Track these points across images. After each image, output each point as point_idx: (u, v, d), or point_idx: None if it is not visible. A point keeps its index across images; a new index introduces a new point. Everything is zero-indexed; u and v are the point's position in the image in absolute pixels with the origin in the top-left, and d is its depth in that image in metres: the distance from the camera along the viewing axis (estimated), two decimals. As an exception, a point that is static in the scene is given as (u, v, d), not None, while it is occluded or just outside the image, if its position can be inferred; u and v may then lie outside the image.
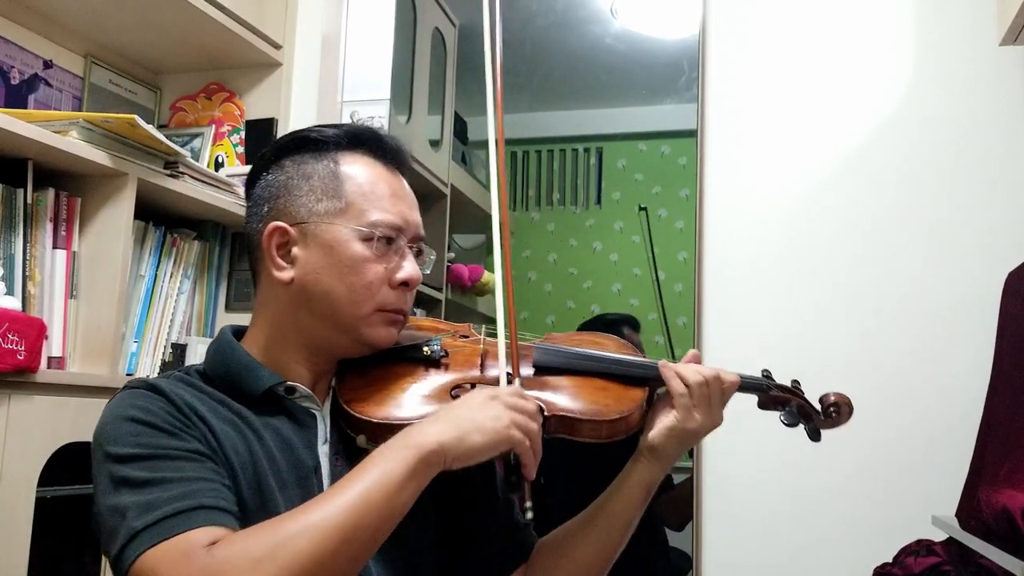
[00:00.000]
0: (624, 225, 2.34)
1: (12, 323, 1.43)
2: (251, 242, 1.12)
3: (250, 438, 1.01)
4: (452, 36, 2.53)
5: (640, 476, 1.11)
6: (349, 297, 1.05)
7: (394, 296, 1.08)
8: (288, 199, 1.08)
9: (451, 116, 2.50)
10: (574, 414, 1.07)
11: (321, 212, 1.07)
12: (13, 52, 1.87)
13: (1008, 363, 1.53)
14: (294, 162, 1.10)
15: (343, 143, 1.11)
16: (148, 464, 0.91)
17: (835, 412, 1.18)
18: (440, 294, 2.36)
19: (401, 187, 1.14)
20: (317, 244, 1.06)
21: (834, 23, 1.97)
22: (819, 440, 1.19)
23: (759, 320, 1.93)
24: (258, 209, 1.11)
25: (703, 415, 1.10)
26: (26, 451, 1.44)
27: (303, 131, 1.14)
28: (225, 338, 1.11)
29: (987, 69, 1.85)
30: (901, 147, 1.90)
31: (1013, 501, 1.23)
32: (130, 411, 0.96)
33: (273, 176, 1.11)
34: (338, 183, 1.08)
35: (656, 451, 1.11)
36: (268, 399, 1.05)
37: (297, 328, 1.08)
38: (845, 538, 1.80)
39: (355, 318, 1.06)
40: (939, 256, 1.84)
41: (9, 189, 1.57)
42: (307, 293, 1.06)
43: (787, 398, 1.18)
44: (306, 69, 2.23)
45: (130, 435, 0.94)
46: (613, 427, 1.08)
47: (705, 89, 2.02)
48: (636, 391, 1.11)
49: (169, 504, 0.87)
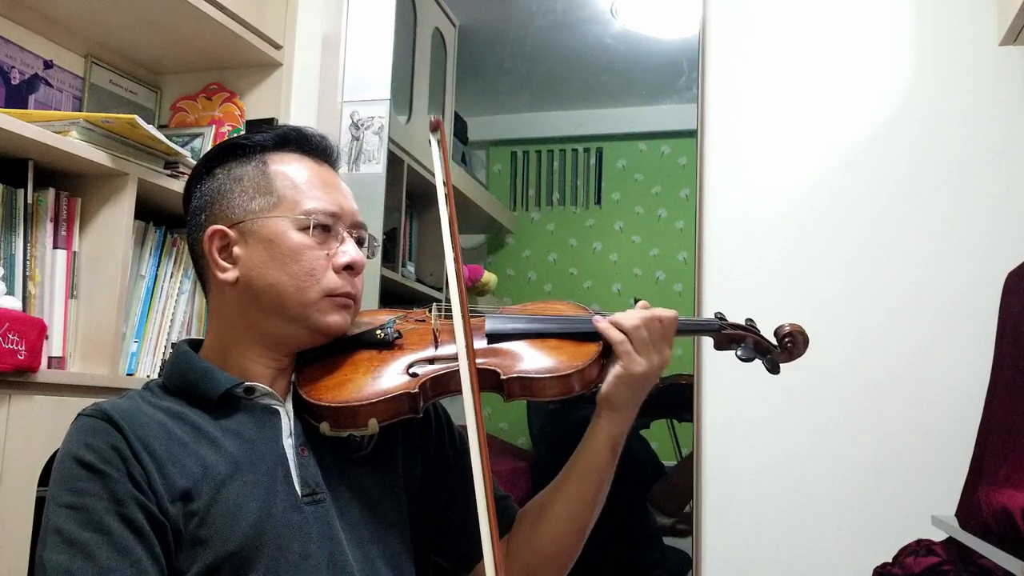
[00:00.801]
0: (624, 225, 2.33)
1: (12, 323, 1.43)
2: (194, 252, 1.15)
3: (203, 452, 1.02)
4: (452, 36, 2.52)
5: (603, 430, 1.13)
6: (294, 285, 1.07)
7: (339, 280, 1.10)
8: (223, 203, 1.11)
9: (451, 116, 2.49)
10: (530, 374, 1.09)
11: (256, 209, 1.10)
12: (13, 52, 1.87)
13: (1008, 363, 1.53)
14: (224, 169, 1.14)
15: (269, 145, 1.14)
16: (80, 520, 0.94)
17: (790, 342, 1.19)
18: (440, 294, 2.36)
19: (333, 178, 1.16)
20: (256, 240, 1.09)
21: (834, 23, 1.97)
22: (778, 372, 1.20)
23: (759, 320, 1.92)
24: (196, 219, 1.14)
25: (645, 356, 1.11)
26: (26, 451, 1.44)
27: (230, 140, 1.17)
28: (181, 350, 1.14)
29: (987, 69, 1.85)
30: (901, 147, 1.90)
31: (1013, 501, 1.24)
32: (79, 451, 0.99)
33: (206, 186, 1.14)
34: (268, 180, 1.11)
35: (611, 401, 1.12)
36: (228, 402, 1.07)
37: (249, 326, 1.10)
38: (845, 538, 1.80)
39: (303, 305, 1.08)
40: (939, 256, 1.84)
41: (9, 189, 1.57)
42: (253, 289, 1.08)
43: (742, 335, 1.21)
44: (306, 69, 2.23)
45: (74, 479, 0.97)
46: (569, 382, 1.10)
47: (705, 89, 2.02)
48: (589, 346, 1.13)
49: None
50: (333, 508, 1.05)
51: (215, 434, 1.04)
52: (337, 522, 1.05)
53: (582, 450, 1.15)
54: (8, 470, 1.41)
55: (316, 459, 1.07)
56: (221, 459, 1.02)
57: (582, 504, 1.14)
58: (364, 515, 1.08)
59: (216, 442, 1.03)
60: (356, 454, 1.11)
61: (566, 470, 1.16)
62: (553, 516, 1.15)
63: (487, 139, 2.59)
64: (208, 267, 1.12)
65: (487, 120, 2.59)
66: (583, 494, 1.14)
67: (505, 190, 2.47)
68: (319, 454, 1.08)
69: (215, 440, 1.04)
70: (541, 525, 1.15)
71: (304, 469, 1.05)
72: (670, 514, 2.01)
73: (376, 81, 2.17)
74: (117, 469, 0.97)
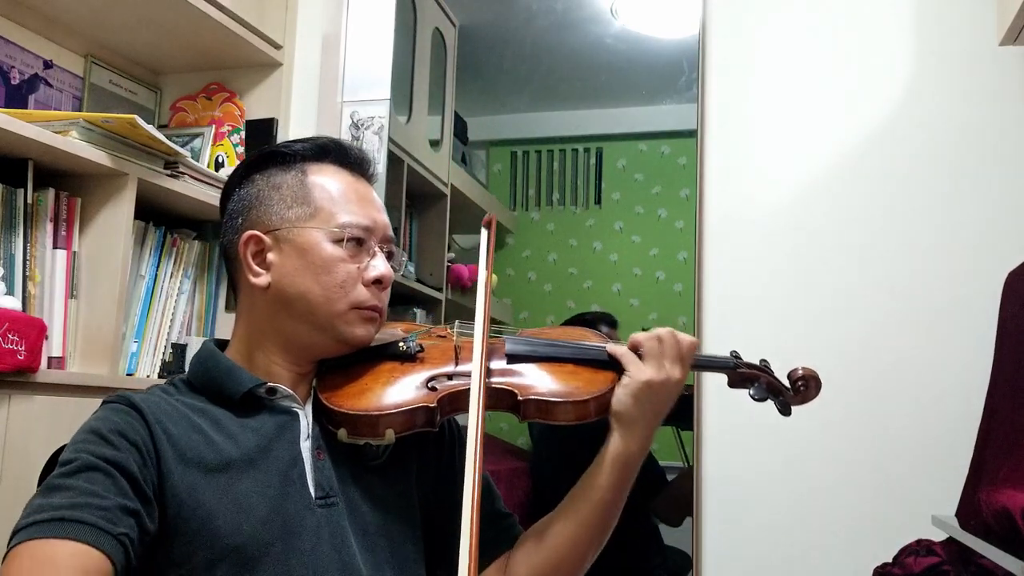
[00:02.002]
0: (624, 225, 2.34)
1: (12, 323, 1.43)
2: (228, 254, 1.17)
3: (221, 443, 1.04)
4: (452, 36, 2.52)
5: (612, 451, 1.12)
6: (324, 296, 1.09)
7: (368, 293, 1.11)
8: (260, 209, 1.13)
9: (451, 116, 2.50)
10: (546, 397, 1.10)
11: (292, 218, 1.12)
12: (13, 52, 1.87)
13: (1008, 363, 1.52)
14: (264, 176, 1.16)
15: (309, 155, 1.16)
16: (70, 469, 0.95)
17: (803, 386, 1.20)
18: (440, 294, 2.36)
19: (368, 192, 1.18)
20: (291, 248, 1.11)
21: (834, 23, 1.97)
22: (789, 415, 1.21)
23: (759, 320, 1.93)
24: (232, 222, 1.16)
25: (654, 367, 1.11)
26: (26, 451, 1.44)
27: (271, 147, 1.19)
28: (207, 347, 1.16)
29: (987, 69, 1.85)
30: (901, 147, 1.90)
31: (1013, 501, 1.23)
32: (90, 423, 1.01)
33: (245, 191, 1.16)
34: (307, 191, 1.13)
35: (620, 417, 1.11)
36: (250, 401, 1.09)
37: (277, 331, 1.12)
38: (845, 538, 1.80)
39: (331, 316, 1.10)
40: (939, 256, 1.84)
41: (9, 189, 1.57)
42: (284, 296, 1.10)
43: (755, 375, 1.21)
44: (306, 69, 2.23)
45: (73, 446, 0.98)
46: (584, 408, 1.10)
47: (705, 89, 2.02)
48: (606, 373, 1.14)
49: (52, 510, 0.90)
50: (345, 512, 1.06)
51: (234, 429, 1.06)
52: (348, 526, 1.06)
53: (590, 471, 1.13)
54: (8, 470, 1.41)
55: (332, 463, 1.08)
56: (237, 452, 1.04)
57: (585, 527, 1.12)
58: (376, 521, 1.09)
59: (234, 436, 1.05)
60: (371, 462, 1.12)
61: (571, 494, 1.15)
62: (554, 537, 1.13)
63: (487, 139, 2.60)
64: (241, 270, 1.14)
65: (487, 120, 2.59)
66: (587, 517, 1.12)
67: (505, 190, 2.48)
68: (335, 459, 1.09)
69: (233, 434, 1.05)
70: (542, 545, 1.14)
71: (319, 472, 1.07)
72: (672, 524, 2.01)
73: (376, 81, 2.17)
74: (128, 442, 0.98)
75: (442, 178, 2.42)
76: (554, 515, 1.15)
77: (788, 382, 1.21)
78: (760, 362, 1.23)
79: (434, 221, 2.41)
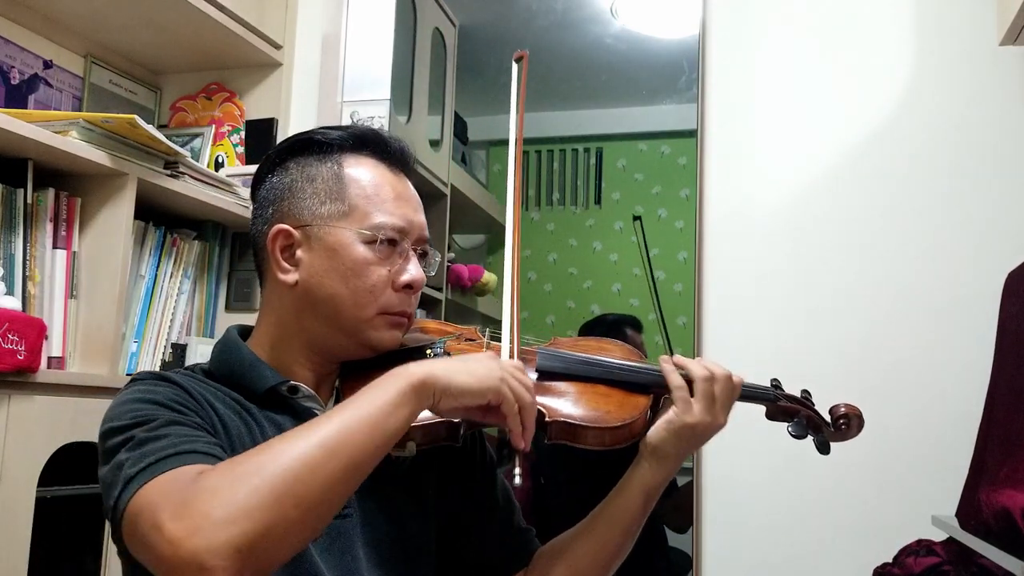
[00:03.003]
0: (624, 225, 2.33)
1: (12, 323, 1.43)
2: (256, 243, 1.13)
3: (254, 428, 1.01)
4: (452, 36, 2.52)
5: (640, 479, 1.09)
6: (352, 300, 1.05)
7: (397, 299, 1.07)
8: (292, 201, 1.09)
9: (451, 116, 2.49)
10: (575, 420, 1.05)
11: (325, 215, 1.07)
12: (13, 52, 1.87)
13: (1008, 363, 1.52)
14: (298, 164, 1.11)
15: (347, 145, 1.11)
16: (145, 428, 0.91)
17: (845, 425, 1.15)
18: (440, 294, 2.36)
19: (405, 189, 1.13)
20: (321, 247, 1.06)
21: (834, 23, 1.97)
22: (828, 453, 1.16)
23: (759, 320, 1.93)
24: (263, 211, 1.12)
25: (703, 411, 1.07)
26: (26, 451, 1.44)
27: (307, 133, 1.13)
28: (231, 337, 1.12)
29: (987, 69, 1.85)
30: (901, 147, 1.90)
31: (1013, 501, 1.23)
32: (134, 394, 0.97)
33: (278, 178, 1.11)
34: (342, 186, 1.08)
35: (655, 450, 1.08)
36: (271, 398, 1.06)
37: (301, 330, 1.08)
38: (845, 538, 1.80)
39: (359, 321, 1.06)
40: (939, 256, 1.84)
41: (9, 189, 1.57)
42: (311, 296, 1.06)
43: (796, 408, 1.16)
44: (306, 69, 2.23)
45: (130, 412, 0.94)
46: (615, 434, 1.06)
47: (705, 89, 2.02)
48: (640, 398, 1.09)
49: (164, 450, 0.87)
50: (358, 524, 1.03)
51: (260, 419, 1.03)
52: (359, 539, 1.03)
53: (615, 495, 1.11)
54: (8, 470, 1.41)
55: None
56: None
57: (606, 550, 1.10)
58: (390, 534, 1.06)
59: (262, 426, 1.02)
60: (391, 472, 1.06)
61: (595, 512, 1.12)
62: (572, 559, 1.11)
63: (487, 139, 2.59)
64: (268, 262, 1.09)
65: (487, 120, 2.59)
66: (608, 541, 1.10)
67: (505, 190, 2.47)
68: None
69: (261, 424, 1.03)
70: (558, 566, 1.12)
71: None
72: (678, 530, 2.00)
73: (376, 81, 2.17)
74: (175, 403, 0.95)
75: (442, 178, 2.42)
76: (575, 535, 1.13)
77: (829, 418, 1.16)
78: (801, 393, 1.19)
79: (434, 221, 2.39)
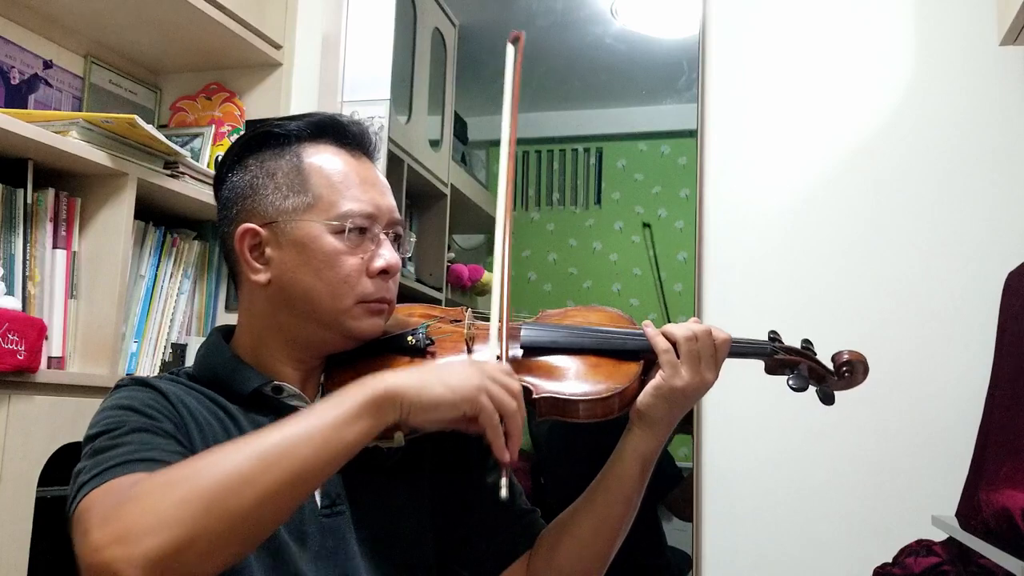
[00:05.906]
0: (624, 225, 2.34)
1: (12, 323, 1.43)
2: (225, 246, 1.11)
3: (232, 431, 1.00)
4: (452, 36, 2.52)
5: (633, 446, 1.08)
6: (328, 292, 1.04)
7: (374, 285, 1.05)
8: (255, 199, 1.07)
9: (451, 116, 2.49)
10: (564, 395, 1.03)
11: (289, 209, 1.05)
12: (13, 52, 1.87)
13: (1008, 363, 1.53)
14: (257, 160, 1.09)
15: (305, 135, 1.09)
16: (108, 436, 0.92)
17: (848, 372, 1.12)
18: (440, 294, 2.36)
19: (369, 173, 1.10)
20: (289, 242, 1.04)
21: (834, 23, 1.97)
22: (832, 403, 1.12)
23: (759, 320, 1.91)
24: (227, 212, 1.10)
25: (690, 372, 1.05)
26: (26, 451, 1.44)
27: (264, 126, 1.11)
28: (213, 340, 1.11)
29: (987, 69, 1.85)
30: (901, 147, 1.90)
31: (1013, 501, 1.24)
32: (111, 401, 0.98)
33: (238, 177, 1.09)
34: (303, 177, 1.06)
35: (645, 416, 1.06)
36: (256, 399, 1.05)
37: (280, 328, 1.07)
38: (845, 538, 1.80)
39: (337, 312, 1.04)
40: (939, 256, 1.84)
41: (9, 189, 1.57)
42: (286, 293, 1.05)
43: (795, 360, 1.12)
44: (306, 69, 2.23)
45: (104, 420, 0.95)
46: (606, 405, 1.04)
47: (705, 89, 2.02)
48: (630, 365, 1.07)
49: (116, 458, 0.88)
50: (351, 521, 1.03)
51: (244, 422, 1.02)
52: (353, 536, 1.02)
53: (610, 467, 1.10)
54: (8, 470, 1.41)
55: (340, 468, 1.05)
56: None
57: (606, 524, 1.09)
58: (384, 529, 1.05)
59: (244, 430, 1.01)
60: (382, 465, 1.07)
61: (592, 488, 1.11)
62: (575, 535, 1.10)
63: (487, 139, 2.60)
64: (239, 263, 1.08)
65: (487, 120, 2.59)
66: (608, 514, 1.09)
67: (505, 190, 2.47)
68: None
69: (243, 428, 1.01)
70: (562, 544, 1.10)
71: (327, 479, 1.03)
72: (687, 519, 2.00)
73: (376, 81, 2.17)
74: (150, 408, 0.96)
75: (442, 178, 2.42)
76: (574, 511, 1.12)
77: (832, 366, 1.13)
78: (802, 343, 1.14)
79: (434, 221, 2.41)
